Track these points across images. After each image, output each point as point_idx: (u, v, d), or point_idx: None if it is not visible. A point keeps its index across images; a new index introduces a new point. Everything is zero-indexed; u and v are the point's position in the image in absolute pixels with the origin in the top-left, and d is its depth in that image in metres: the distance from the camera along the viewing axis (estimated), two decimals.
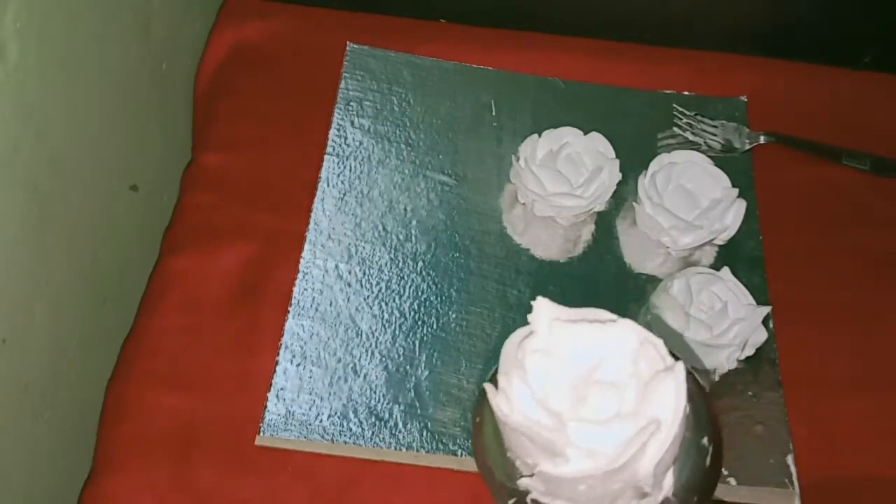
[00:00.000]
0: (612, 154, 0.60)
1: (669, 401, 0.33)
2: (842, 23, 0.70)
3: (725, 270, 0.56)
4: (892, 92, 0.70)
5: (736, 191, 0.58)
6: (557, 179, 0.58)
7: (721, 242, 0.59)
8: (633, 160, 0.61)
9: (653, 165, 0.60)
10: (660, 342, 0.35)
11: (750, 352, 0.54)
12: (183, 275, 0.59)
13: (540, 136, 0.60)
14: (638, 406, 0.33)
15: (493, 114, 0.66)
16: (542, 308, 0.36)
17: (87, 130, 0.53)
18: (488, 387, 0.34)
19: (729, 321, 0.53)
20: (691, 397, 0.34)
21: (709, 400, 0.38)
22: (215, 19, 0.70)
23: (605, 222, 0.62)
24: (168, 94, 0.66)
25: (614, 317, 0.37)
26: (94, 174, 0.55)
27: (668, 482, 0.34)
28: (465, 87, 0.67)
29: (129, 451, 0.53)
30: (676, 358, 0.35)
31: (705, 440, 0.36)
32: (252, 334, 0.57)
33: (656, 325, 0.55)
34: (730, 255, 0.60)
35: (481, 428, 0.38)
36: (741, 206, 0.58)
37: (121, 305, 0.59)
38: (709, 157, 0.61)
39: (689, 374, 0.35)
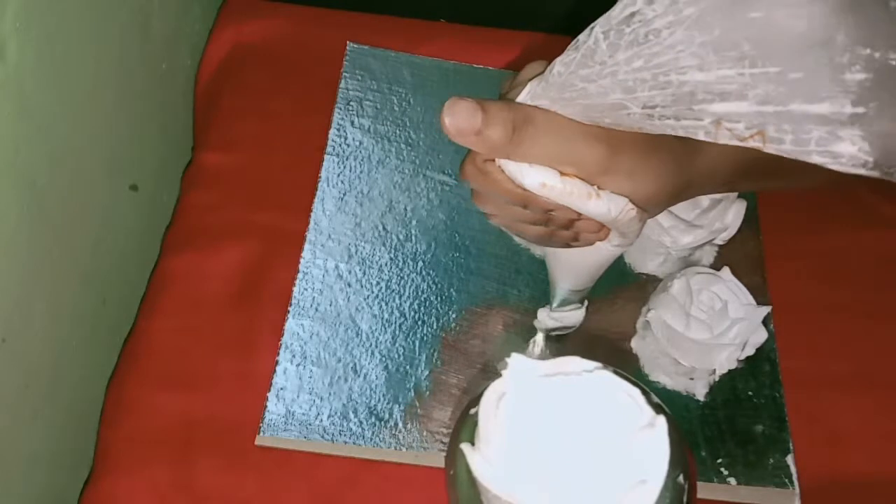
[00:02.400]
0: None
1: (652, 458, 0.33)
2: None
3: (726, 270, 0.56)
4: None
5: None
6: None
7: (721, 242, 0.59)
8: None
9: None
10: (637, 392, 0.35)
11: (750, 351, 0.54)
12: (183, 275, 0.59)
13: None
14: (621, 468, 0.33)
15: None
16: (517, 365, 0.36)
17: (87, 130, 0.53)
18: (466, 448, 0.34)
19: (729, 321, 0.53)
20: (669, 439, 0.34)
21: (681, 435, 0.37)
22: (215, 19, 0.70)
23: None
24: (168, 94, 0.66)
25: (591, 365, 0.36)
26: (94, 174, 0.55)
27: None
28: (465, 87, 0.67)
29: (129, 451, 0.53)
30: (657, 407, 0.35)
31: (681, 478, 0.36)
32: (252, 334, 0.57)
33: (656, 325, 0.55)
34: (730, 255, 0.60)
35: (455, 482, 0.38)
36: (741, 206, 0.58)
37: (121, 305, 0.59)
38: None
39: (667, 415, 0.35)
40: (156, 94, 0.64)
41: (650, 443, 0.34)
